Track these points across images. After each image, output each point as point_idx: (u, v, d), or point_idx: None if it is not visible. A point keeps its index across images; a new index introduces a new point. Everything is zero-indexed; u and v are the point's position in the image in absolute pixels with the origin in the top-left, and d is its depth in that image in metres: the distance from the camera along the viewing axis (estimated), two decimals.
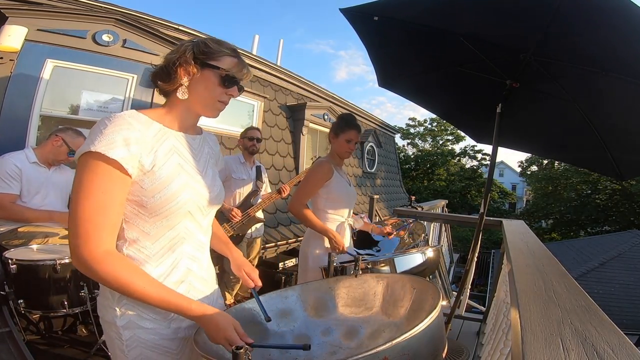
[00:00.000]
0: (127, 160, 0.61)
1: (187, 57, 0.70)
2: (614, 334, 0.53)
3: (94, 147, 0.59)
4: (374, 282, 0.93)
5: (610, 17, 1.06)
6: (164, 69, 0.72)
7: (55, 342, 1.69)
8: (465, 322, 2.45)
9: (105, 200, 0.60)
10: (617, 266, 8.42)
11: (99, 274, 0.60)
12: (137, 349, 0.68)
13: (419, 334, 0.57)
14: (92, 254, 0.59)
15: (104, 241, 0.60)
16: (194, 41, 0.74)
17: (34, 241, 1.60)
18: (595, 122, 1.49)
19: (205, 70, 0.71)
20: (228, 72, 0.72)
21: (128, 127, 0.63)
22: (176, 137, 0.73)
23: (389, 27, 1.52)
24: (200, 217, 0.75)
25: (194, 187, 0.72)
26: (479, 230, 1.74)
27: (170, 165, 0.69)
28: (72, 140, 1.80)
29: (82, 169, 0.61)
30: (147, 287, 0.62)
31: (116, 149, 0.60)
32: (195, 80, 0.72)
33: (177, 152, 0.72)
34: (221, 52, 0.72)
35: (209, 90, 0.72)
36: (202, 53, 0.71)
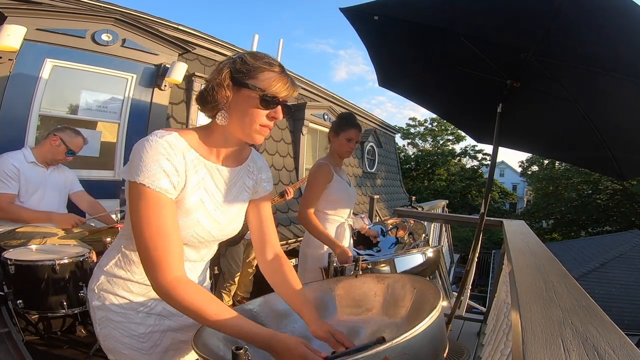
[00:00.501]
0: (170, 190, 0.64)
1: (224, 78, 0.66)
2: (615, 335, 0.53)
3: (139, 178, 0.61)
4: (374, 282, 0.93)
5: (611, 17, 1.06)
6: (203, 92, 0.69)
7: (54, 343, 1.68)
8: (466, 322, 2.45)
9: (162, 227, 0.62)
10: (618, 266, 8.41)
11: (175, 300, 0.61)
12: (107, 328, 0.72)
13: (420, 334, 0.57)
14: (165, 280, 0.61)
15: (174, 267, 0.62)
16: (233, 58, 0.69)
17: (32, 241, 1.60)
18: (596, 121, 1.49)
19: (242, 90, 0.66)
20: (266, 92, 0.65)
21: (167, 156, 0.64)
22: (208, 169, 0.71)
23: (389, 27, 1.52)
24: (201, 246, 0.76)
25: (204, 225, 0.71)
26: (480, 231, 1.74)
27: (193, 199, 0.69)
28: (70, 139, 1.79)
29: (133, 196, 0.63)
30: (220, 313, 0.62)
31: (159, 180, 0.62)
32: (233, 104, 0.67)
33: (204, 185, 0.71)
34: (258, 68, 0.66)
35: (248, 114, 0.66)
36: (239, 71, 0.66)
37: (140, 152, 0.62)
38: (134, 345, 0.73)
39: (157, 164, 0.62)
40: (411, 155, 22.07)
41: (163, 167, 0.63)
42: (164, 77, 2.91)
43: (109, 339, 0.73)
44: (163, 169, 0.63)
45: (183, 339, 0.79)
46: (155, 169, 0.62)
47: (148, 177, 0.61)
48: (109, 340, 0.73)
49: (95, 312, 0.74)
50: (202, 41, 3.44)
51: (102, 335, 0.74)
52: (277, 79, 0.67)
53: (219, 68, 0.68)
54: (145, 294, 0.74)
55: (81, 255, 1.47)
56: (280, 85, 0.67)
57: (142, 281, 0.73)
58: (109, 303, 0.72)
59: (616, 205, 15.52)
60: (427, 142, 22.24)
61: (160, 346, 0.76)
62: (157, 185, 0.62)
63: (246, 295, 2.61)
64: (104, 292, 0.73)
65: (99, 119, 2.76)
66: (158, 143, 0.63)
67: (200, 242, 0.74)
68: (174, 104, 3.19)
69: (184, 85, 3.22)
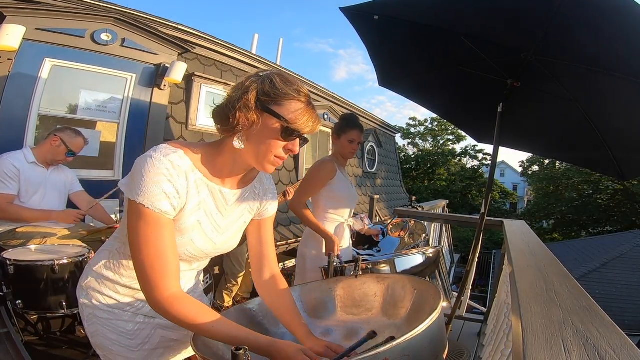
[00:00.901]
0: (170, 212, 0.63)
1: (250, 99, 0.62)
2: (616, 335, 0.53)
3: (140, 198, 0.60)
4: (374, 282, 0.92)
5: (611, 16, 1.06)
6: (224, 109, 0.64)
7: (54, 343, 1.68)
8: (466, 323, 2.44)
9: (160, 247, 0.62)
10: (619, 267, 8.39)
11: (172, 315, 0.62)
12: (95, 325, 0.73)
13: (420, 335, 0.57)
14: (162, 297, 0.62)
15: (169, 285, 0.62)
16: (261, 76, 0.64)
17: (32, 241, 1.59)
18: (596, 121, 1.49)
19: (264, 116, 0.62)
20: (290, 125, 0.62)
21: (169, 178, 0.62)
22: (211, 191, 0.70)
23: (389, 26, 1.51)
24: (193, 261, 0.76)
25: (197, 245, 0.71)
26: (480, 231, 1.74)
27: (191, 220, 0.68)
28: (70, 140, 1.79)
29: (133, 216, 0.62)
30: (216, 325, 0.63)
31: (160, 202, 0.61)
32: (254, 128, 0.63)
33: (205, 207, 0.69)
34: (287, 95, 0.62)
35: (266, 143, 0.63)
36: (266, 94, 0.62)
37: (142, 171, 0.61)
38: (122, 342, 0.73)
39: (159, 186, 0.61)
40: (411, 155, 22.07)
41: (164, 189, 0.61)
42: (163, 76, 2.91)
43: (97, 336, 0.73)
44: (164, 191, 0.61)
45: (173, 337, 0.79)
46: (156, 190, 0.61)
47: (148, 198, 0.60)
48: (97, 337, 0.74)
49: (83, 309, 0.75)
50: (202, 41, 3.43)
51: (90, 331, 0.74)
52: (304, 112, 0.63)
53: (246, 86, 0.63)
54: (132, 295, 0.74)
55: (80, 256, 1.47)
56: (307, 120, 0.64)
57: (129, 284, 0.73)
58: (96, 301, 0.73)
59: (617, 205, 15.50)
60: (428, 142, 22.24)
61: (149, 343, 0.76)
62: (157, 207, 0.61)
63: (246, 295, 2.61)
64: (91, 290, 0.74)
65: (98, 119, 2.75)
66: (161, 162, 0.61)
67: (191, 257, 0.74)
68: (174, 103, 3.19)
69: (183, 85, 3.22)
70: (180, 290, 0.65)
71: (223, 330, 0.63)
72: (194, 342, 0.67)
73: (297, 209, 1.53)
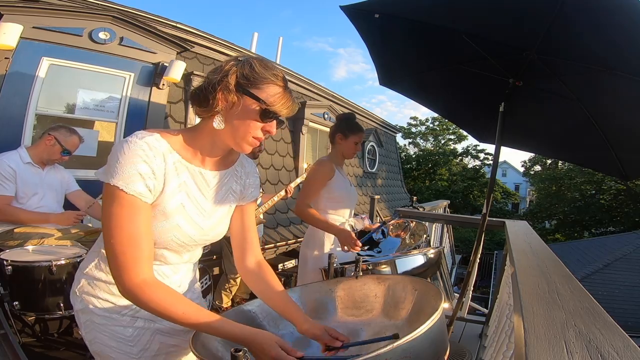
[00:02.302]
0: (145, 194, 0.62)
1: (230, 81, 0.64)
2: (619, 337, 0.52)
3: (114, 180, 0.60)
4: (375, 283, 0.92)
5: (614, 15, 1.05)
6: (203, 90, 0.66)
7: (51, 345, 1.67)
8: (468, 324, 2.43)
9: (134, 232, 0.61)
10: (622, 268, 8.35)
11: (142, 302, 0.62)
12: (92, 332, 0.71)
13: (421, 336, 0.56)
14: (132, 283, 0.61)
15: (140, 271, 0.62)
16: (241, 60, 0.66)
17: (29, 242, 1.59)
18: (599, 121, 1.47)
19: (244, 98, 0.64)
20: (268, 107, 0.64)
21: (145, 159, 0.62)
22: (191, 173, 0.70)
23: (390, 25, 1.51)
24: (182, 250, 0.74)
25: (184, 230, 0.70)
26: (482, 231, 1.73)
27: (173, 203, 0.67)
28: (65, 138, 1.76)
29: (107, 199, 0.62)
30: (187, 312, 0.62)
31: (133, 183, 0.61)
32: (232, 110, 0.65)
33: (186, 189, 0.69)
34: (266, 78, 0.65)
35: (245, 123, 0.65)
36: (245, 77, 0.64)
37: (118, 154, 0.61)
38: (121, 348, 0.71)
39: (134, 167, 0.61)
40: (412, 155, 22.05)
41: (139, 169, 0.61)
42: (162, 75, 2.89)
43: (96, 343, 0.72)
44: (139, 172, 0.61)
45: (173, 343, 0.77)
46: (131, 171, 0.60)
47: (123, 179, 0.60)
48: (95, 344, 0.72)
49: (80, 315, 0.73)
50: (201, 39, 3.43)
51: (89, 339, 0.73)
52: (281, 95, 0.66)
53: (226, 69, 0.65)
54: None
55: (78, 256, 1.46)
56: (284, 103, 0.66)
57: None
58: (91, 306, 0.71)
59: (620, 205, 15.44)
60: (429, 142, 22.20)
61: (150, 350, 0.74)
62: (132, 189, 0.61)
63: (245, 297, 2.61)
64: (85, 295, 0.72)
65: (96, 118, 2.74)
66: (136, 144, 0.62)
67: (180, 246, 0.72)
68: (172, 103, 3.18)
69: (182, 84, 3.21)
70: (153, 276, 0.64)
71: (195, 318, 0.62)
72: (193, 343, 0.66)
73: (302, 211, 1.51)
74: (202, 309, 0.65)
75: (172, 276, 0.75)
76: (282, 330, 0.87)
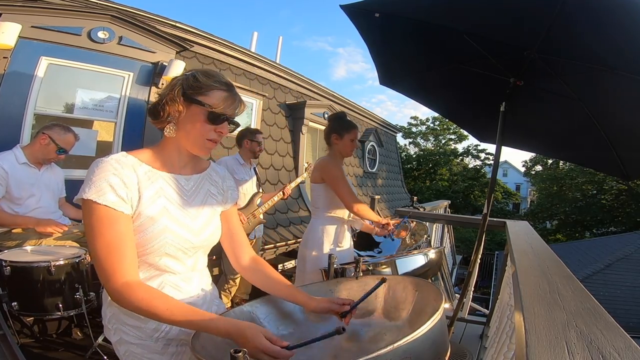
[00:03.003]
0: (118, 203, 0.66)
1: (175, 93, 0.70)
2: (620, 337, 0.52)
3: (86, 194, 0.65)
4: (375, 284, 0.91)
5: (616, 14, 1.04)
6: (156, 105, 0.73)
7: (50, 346, 1.66)
8: (468, 325, 2.42)
9: (113, 239, 0.65)
10: (624, 268, 8.33)
11: (127, 303, 0.65)
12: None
13: (421, 337, 0.56)
14: (116, 286, 0.64)
15: (123, 274, 0.65)
16: (186, 75, 0.73)
17: (28, 242, 1.58)
18: (601, 120, 1.47)
19: (192, 106, 0.70)
20: (214, 109, 0.70)
21: (114, 172, 0.67)
22: (165, 179, 0.74)
23: (390, 24, 1.50)
24: (183, 257, 0.75)
25: (175, 231, 0.71)
26: (482, 232, 1.72)
27: (155, 208, 0.70)
28: (59, 137, 1.74)
29: (85, 213, 0.67)
30: (172, 309, 0.64)
31: (105, 195, 0.65)
32: (183, 118, 0.71)
33: (164, 194, 0.72)
34: (210, 86, 0.71)
35: (196, 128, 0.71)
36: (190, 87, 0.70)
37: (89, 173, 0.67)
38: None
39: (104, 180, 0.66)
40: (413, 155, 22.03)
41: (109, 181, 0.66)
42: (161, 75, 2.89)
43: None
44: (109, 184, 0.65)
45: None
46: (101, 184, 0.65)
47: (95, 192, 0.65)
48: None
49: (118, 348, 0.75)
50: (200, 39, 3.42)
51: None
52: (226, 98, 0.71)
53: (172, 84, 0.72)
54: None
55: (77, 257, 1.45)
56: (230, 104, 0.72)
57: None
58: (125, 335, 0.73)
59: (621, 205, 15.40)
60: (429, 142, 22.17)
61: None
62: (104, 199, 0.65)
63: (245, 297, 2.60)
64: (116, 325, 0.74)
65: (95, 118, 2.74)
66: (105, 162, 0.68)
67: (179, 250, 0.73)
68: None
69: None
70: (136, 279, 0.67)
71: (180, 315, 0.64)
72: (192, 344, 0.66)
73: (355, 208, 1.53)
74: (186, 306, 0.67)
75: (184, 287, 0.76)
76: (282, 331, 0.87)
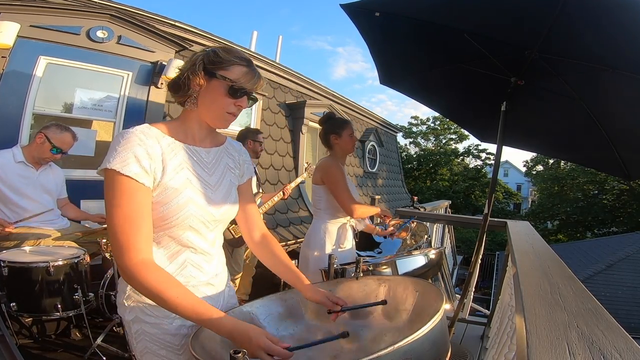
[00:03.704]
0: (141, 175, 0.66)
1: (197, 68, 0.72)
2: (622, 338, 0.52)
3: (110, 164, 0.65)
4: (376, 284, 0.92)
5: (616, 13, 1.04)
6: (177, 80, 0.74)
7: (49, 347, 1.65)
8: (469, 325, 2.42)
9: (132, 211, 0.65)
10: (625, 268, 8.31)
11: (137, 282, 0.64)
12: (143, 342, 0.73)
13: (422, 338, 0.56)
14: (131, 262, 0.64)
15: (140, 251, 0.64)
16: (207, 50, 0.75)
17: (26, 243, 1.57)
18: (602, 120, 1.46)
19: (213, 80, 0.72)
20: (234, 83, 0.72)
21: (139, 143, 0.67)
22: (187, 151, 0.75)
23: (391, 23, 1.50)
24: (205, 230, 0.76)
25: (198, 203, 0.73)
26: (483, 232, 1.72)
27: (179, 179, 0.71)
28: (54, 136, 1.73)
29: (107, 184, 0.66)
30: (180, 297, 0.64)
31: (129, 165, 0.65)
32: (204, 91, 0.73)
33: (187, 166, 0.74)
34: (230, 61, 0.72)
35: (216, 102, 0.73)
36: (211, 62, 0.72)
37: (114, 144, 0.67)
38: (171, 357, 0.73)
39: (130, 150, 0.66)
40: (413, 155, 22.00)
41: (134, 152, 0.66)
42: (160, 74, 2.87)
43: (146, 353, 0.73)
44: (134, 154, 0.66)
45: None
46: (126, 155, 0.65)
47: (119, 162, 0.64)
48: (146, 355, 0.73)
49: (131, 326, 0.74)
50: (200, 38, 3.40)
51: (139, 349, 0.74)
52: (246, 73, 0.73)
53: (193, 59, 0.74)
54: None
55: (76, 257, 1.45)
56: (250, 79, 0.73)
57: None
58: (141, 314, 0.73)
59: (623, 205, 15.36)
60: (430, 141, 22.14)
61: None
62: (128, 170, 0.64)
63: (245, 297, 2.60)
64: (133, 303, 0.73)
65: (94, 118, 2.72)
66: (130, 133, 0.68)
67: (202, 222, 0.74)
68: (171, 102, 3.13)
69: None
70: (151, 258, 0.67)
71: (188, 304, 0.64)
72: (192, 344, 0.66)
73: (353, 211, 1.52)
74: (196, 298, 0.66)
75: (205, 267, 0.77)
76: (282, 331, 0.87)
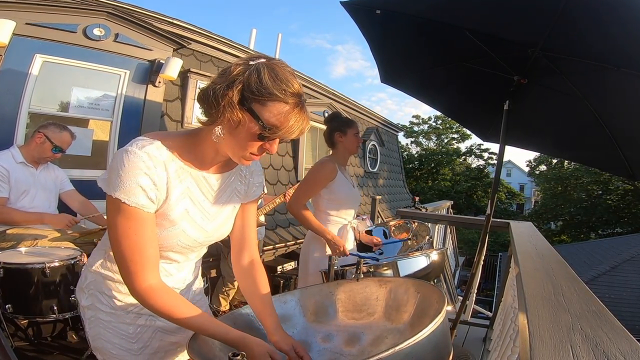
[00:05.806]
0: (147, 205, 0.64)
1: (234, 94, 0.58)
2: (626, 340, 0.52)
3: (116, 193, 0.62)
4: (376, 286, 0.91)
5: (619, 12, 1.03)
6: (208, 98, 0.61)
7: (45, 349, 1.63)
8: (471, 327, 2.41)
9: (139, 241, 0.64)
10: (629, 270, 8.24)
11: (147, 305, 0.66)
12: (97, 328, 0.74)
13: (423, 340, 0.56)
14: (140, 287, 0.65)
15: (147, 277, 0.65)
16: (250, 66, 0.60)
17: (22, 244, 1.56)
18: (606, 120, 1.45)
19: (245, 113, 0.59)
20: (267, 130, 0.59)
21: (145, 171, 0.62)
22: (194, 178, 0.70)
23: (392, 21, 1.49)
24: (188, 251, 0.76)
25: (190, 235, 0.72)
26: (486, 233, 1.71)
27: (178, 210, 0.69)
28: (54, 135, 1.73)
29: (111, 209, 0.64)
30: (189, 315, 0.67)
31: (135, 196, 0.62)
32: (234, 124, 0.60)
33: (190, 195, 0.70)
34: (273, 95, 0.58)
35: (243, 140, 0.61)
36: (250, 90, 0.58)
37: (118, 165, 0.61)
38: (123, 345, 0.73)
39: (135, 180, 0.61)
40: (414, 155, 21.92)
41: (140, 183, 0.62)
42: (158, 73, 2.84)
43: (98, 339, 0.74)
44: (140, 185, 0.62)
45: (173, 341, 0.80)
46: (132, 184, 0.61)
47: (125, 192, 0.61)
48: (98, 340, 0.74)
49: (85, 311, 0.75)
50: (198, 36, 3.37)
51: (92, 334, 0.75)
52: (288, 116, 0.59)
53: (233, 76, 0.59)
54: None
55: (72, 258, 1.44)
56: (292, 125, 0.60)
57: None
58: (98, 302, 0.74)
59: (627, 206, 15.23)
60: (431, 141, 22.05)
61: (150, 347, 0.76)
62: (134, 201, 0.62)
63: (243, 300, 2.59)
64: (92, 291, 0.74)
65: (90, 117, 2.70)
66: (137, 156, 0.61)
67: (186, 248, 0.74)
68: (169, 101, 3.14)
69: (179, 82, 3.16)
70: (159, 281, 0.67)
71: (196, 321, 0.67)
72: (190, 346, 0.67)
73: (295, 210, 1.51)
74: (202, 313, 0.68)
75: (176, 274, 0.78)
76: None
